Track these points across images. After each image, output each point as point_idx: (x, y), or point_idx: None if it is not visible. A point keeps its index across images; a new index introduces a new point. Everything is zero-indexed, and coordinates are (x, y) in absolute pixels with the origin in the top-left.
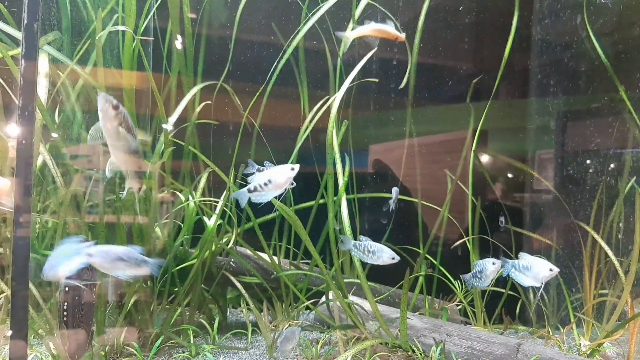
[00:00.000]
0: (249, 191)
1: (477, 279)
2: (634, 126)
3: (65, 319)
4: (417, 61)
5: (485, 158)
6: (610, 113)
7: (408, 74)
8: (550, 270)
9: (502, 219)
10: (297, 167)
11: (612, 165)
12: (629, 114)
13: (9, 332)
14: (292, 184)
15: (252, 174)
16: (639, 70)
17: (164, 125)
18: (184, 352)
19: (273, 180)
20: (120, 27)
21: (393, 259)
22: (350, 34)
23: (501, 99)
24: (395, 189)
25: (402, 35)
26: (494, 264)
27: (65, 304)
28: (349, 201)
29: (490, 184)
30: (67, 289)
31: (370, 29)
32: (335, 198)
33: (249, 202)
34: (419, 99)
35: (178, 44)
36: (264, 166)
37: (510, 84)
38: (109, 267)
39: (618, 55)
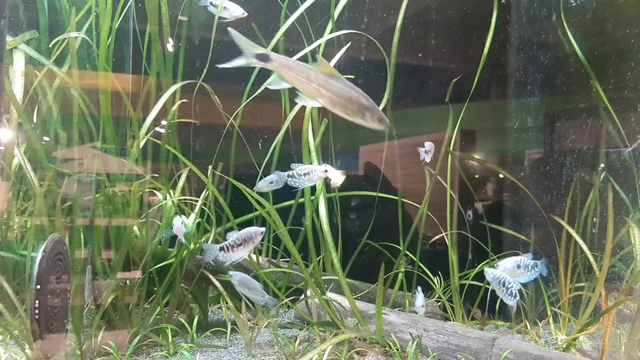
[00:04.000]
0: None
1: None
2: (607, 121)
3: (37, 317)
4: (406, 63)
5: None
6: (587, 111)
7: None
8: None
9: (469, 212)
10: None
11: (587, 162)
12: (604, 109)
13: None
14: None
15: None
16: (613, 67)
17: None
18: (162, 351)
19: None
20: (74, 34)
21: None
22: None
23: (484, 99)
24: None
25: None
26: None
27: (37, 302)
28: (330, 200)
29: (466, 181)
30: (38, 287)
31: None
32: (312, 197)
33: (229, 204)
34: (409, 100)
35: (169, 46)
36: (291, 169)
37: (496, 84)
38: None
39: (592, 52)
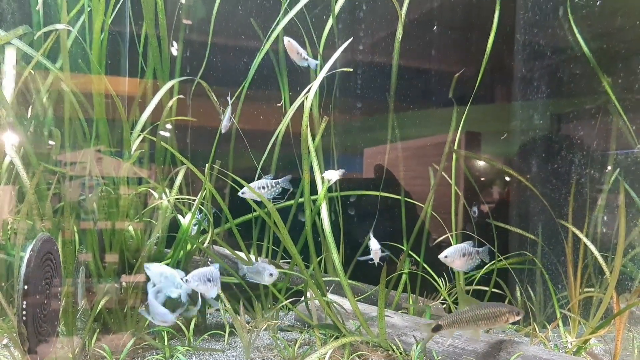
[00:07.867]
0: None
1: None
2: (617, 117)
3: (24, 319)
4: (413, 66)
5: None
6: (595, 108)
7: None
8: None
9: (474, 209)
10: None
11: (597, 160)
12: (613, 105)
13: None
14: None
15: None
16: (622, 61)
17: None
18: (157, 355)
19: None
20: (59, 26)
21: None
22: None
23: (488, 101)
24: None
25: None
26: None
27: (24, 303)
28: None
29: (472, 181)
30: (25, 287)
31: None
32: (314, 197)
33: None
34: (415, 102)
35: (174, 50)
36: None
37: (501, 87)
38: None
39: (601, 48)
